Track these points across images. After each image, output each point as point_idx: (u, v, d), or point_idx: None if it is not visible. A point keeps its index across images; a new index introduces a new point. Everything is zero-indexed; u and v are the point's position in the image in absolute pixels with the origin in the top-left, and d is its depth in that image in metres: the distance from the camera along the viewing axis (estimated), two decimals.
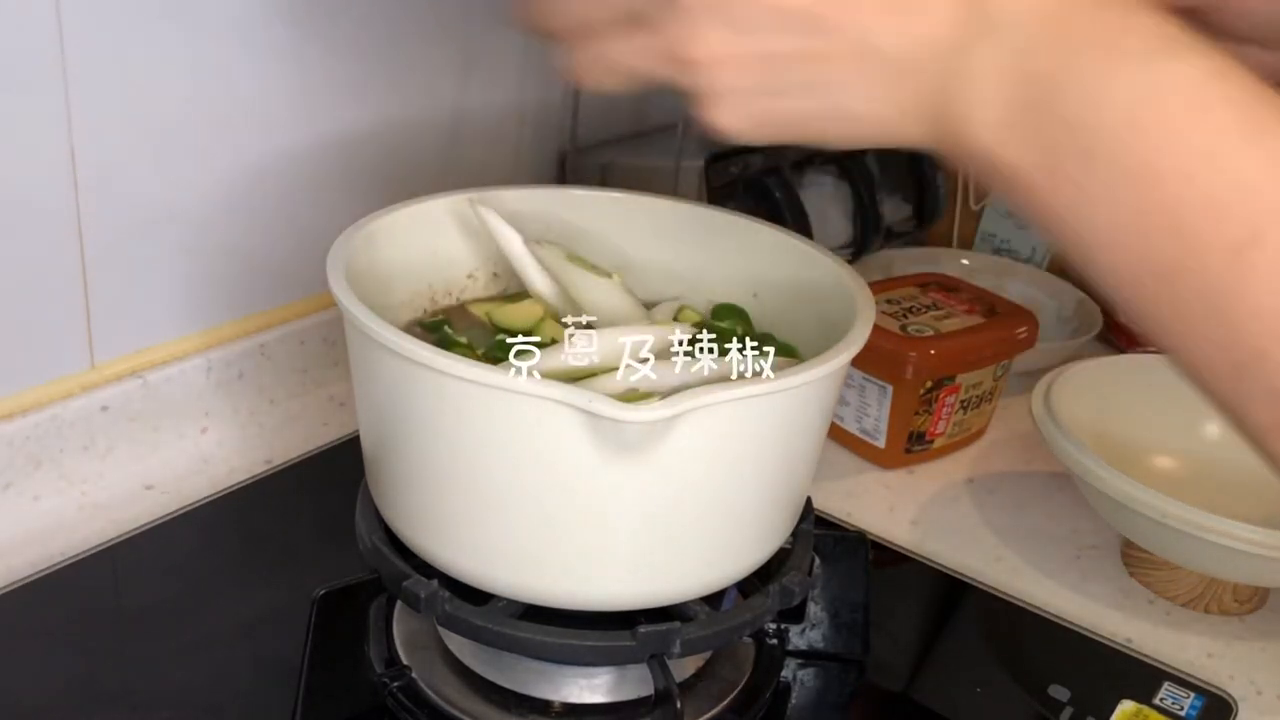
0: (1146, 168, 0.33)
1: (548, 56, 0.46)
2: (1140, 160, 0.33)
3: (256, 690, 0.57)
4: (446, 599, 0.51)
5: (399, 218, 0.60)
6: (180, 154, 0.71)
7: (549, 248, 0.60)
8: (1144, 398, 0.78)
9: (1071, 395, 0.75)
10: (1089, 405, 0.75)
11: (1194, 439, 0.78)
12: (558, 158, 0.99)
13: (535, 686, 0.55)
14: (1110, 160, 0.34)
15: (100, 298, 0.70)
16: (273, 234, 0.78)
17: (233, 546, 0.69)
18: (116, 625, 0.60)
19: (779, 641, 0.62)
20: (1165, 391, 0.75)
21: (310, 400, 0.82)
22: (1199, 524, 0.63)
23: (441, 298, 0.64)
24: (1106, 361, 0.81)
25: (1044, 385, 0.75)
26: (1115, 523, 0.71)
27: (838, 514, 0.76)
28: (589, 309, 0.58)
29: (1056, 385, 0.75)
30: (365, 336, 0.49)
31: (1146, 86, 0.33)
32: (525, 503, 0.49)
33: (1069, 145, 0.34)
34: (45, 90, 0.63)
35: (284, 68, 0.75)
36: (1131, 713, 0.61)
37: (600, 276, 0.58)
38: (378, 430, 0.53)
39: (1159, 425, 0.78)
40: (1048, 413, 0.72)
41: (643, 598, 0.52)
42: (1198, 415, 0.77)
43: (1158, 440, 0.78)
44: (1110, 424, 0.76)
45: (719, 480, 0.50)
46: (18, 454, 0.67)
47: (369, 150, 0.82)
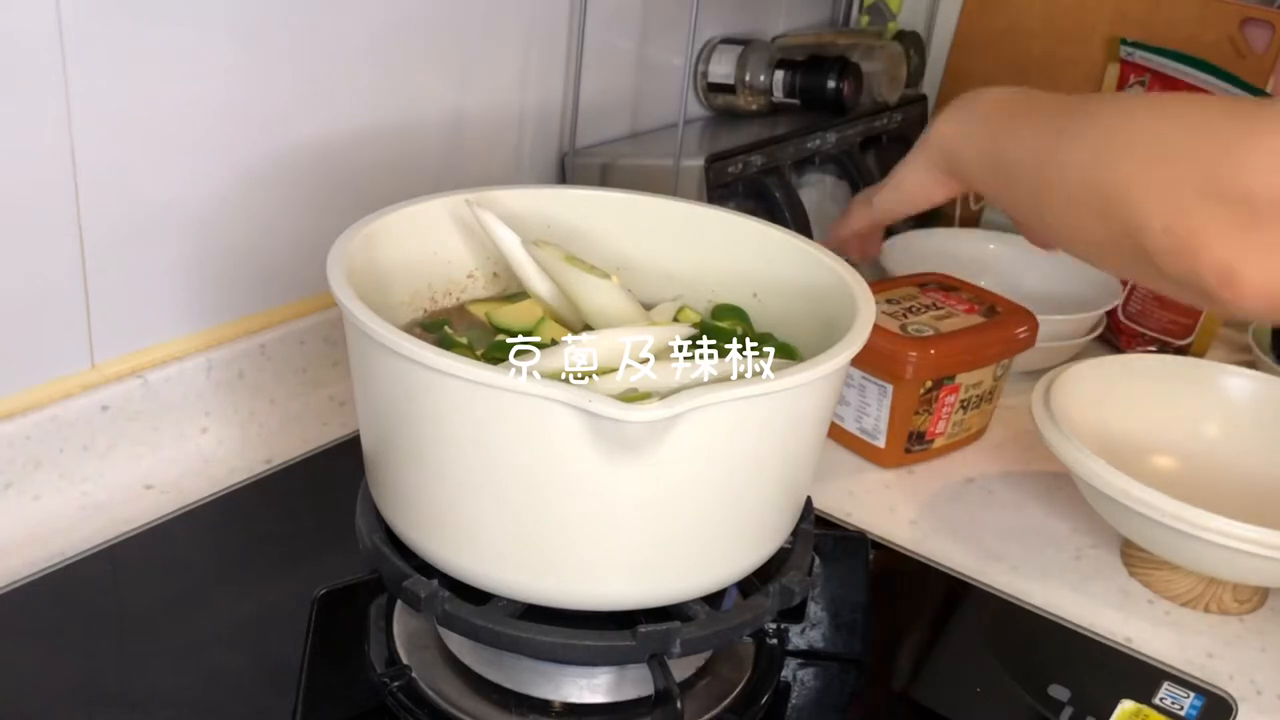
0: (1043, 181, 0.57)
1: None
2: (1037, 177, 0.57)
3: (256, 690, 0.57)
4: (446, 599, 0.51)
5: (399, 218, 0.60)
6: (180, 154, 0.71)
7: (547, 248, 0.60)
8: (1143, 398, 0.79)
9: (1071, 395, 0.75)
10: (1089, 405, 0.76)
11: (1193, 439, 0.79)
12: (558, 158, 0.99)
13: (535, 686, 0.55)
14: (1021, 181, 0.59)
15: (100, 298, 0.70)
16: (273, 234, 0.78)
17: (233, 546, 0.69)
18: (116, 625, 0.60)
19: (779, 641, 0.62)
20: (1165, 391, 0.79)
21: (310, 400, 0.82)
22: (1198, 523, 0.64)
23: (441, 298, 0.64)
24: (1106, 361, 0.81)
25: (1044, 385, 0.75)
26: (1115, 522, 0.71)
27: (838, 514, 0.76)
28: (587, 310, 0.58)
29: (1056, 385, 0.75)
30: (365, 336, 0.49)
31: (1033, 138, 0.58)
32: (525, 502, 0.49)
33: (1006, 176, 0.61)
34: (45, 90, 0.63)
35: (284, 68, 0.75)
36: (1131, 713, 0.61)
37: (599, 277, 0.58)
38: (378, 430, 0.53)
39: (1158, 425, 0.79)
40: (1048, 413, 0.72)
41: (643, 598, 0.52)
42: (1197, 415, 0.79)
43: (1157, 440, 0.78)
44: (1110, 424, 0.77)
45: (719, 480, 0.50)
46: (18, 454, 0.67)
47: (369, 151, 0.82)
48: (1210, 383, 0.81)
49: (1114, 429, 0.76)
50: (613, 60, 1.00)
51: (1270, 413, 0.79)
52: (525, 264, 0.60)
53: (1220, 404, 0.80)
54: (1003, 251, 1.09)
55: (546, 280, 0.60)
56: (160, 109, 0.69)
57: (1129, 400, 0.79)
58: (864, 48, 1.12)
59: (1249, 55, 1.06)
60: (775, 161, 1.00)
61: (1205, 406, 0.80)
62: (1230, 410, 0.80)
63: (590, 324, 0.59)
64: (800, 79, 1.05)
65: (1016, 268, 1.08)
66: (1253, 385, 0.80)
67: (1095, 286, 1.01)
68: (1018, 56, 1.18)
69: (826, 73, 1.04)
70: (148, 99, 0.68)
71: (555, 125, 0.97)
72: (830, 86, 1.04)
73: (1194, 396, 0.80)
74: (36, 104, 0.63)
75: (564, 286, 0.59)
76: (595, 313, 0.58)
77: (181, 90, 0.70)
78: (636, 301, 0.60)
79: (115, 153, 0.68)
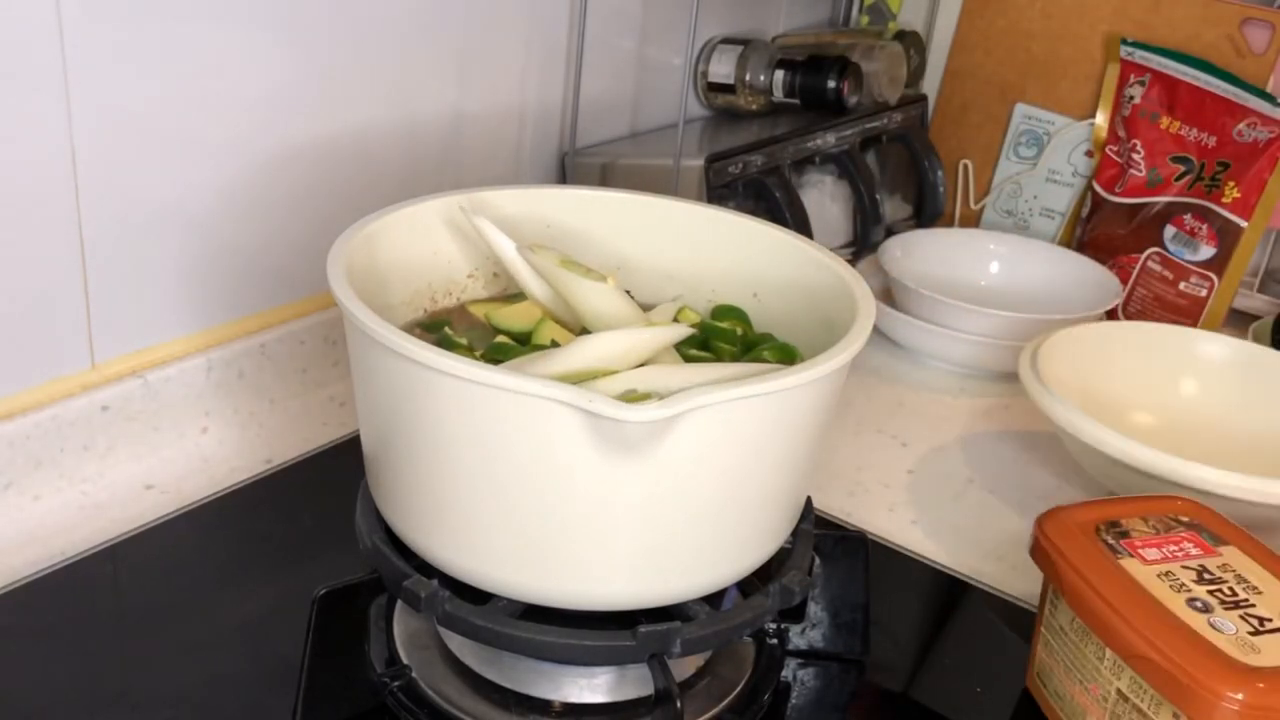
0: None
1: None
2: None
3: (256, 690, 0.57)
4: (446, 599, 0.51)
5: (399, 218, 0.60)
6: (180, 154, 0.71)
7: (543, 252, 0.60)
8: (1123, 361, 0.85)
9: (1056, 359, 0.80)
10: (1072, 368, 0.81)
11: (1169, 396, 0.85)
12: (558, 157, 0.99)
13: (535, 686, 0.55)
14: None
15: (100, 298, 0.70)
16: (273, 234, 0.78)
17: (233, 546, 0.69)
18: (116, 625, 0.60)
19: (779, 641, 0.62)
20: (1143, 355, 0.87)
21: (310, 400, 0.82)
22: (1173, 469, 0.68)
23: (441, 298, 0.64)
24: (1090, 328, 0.86)
25: (1030, 350, 0.79)
26: (1097, 473, 0.75)
27: (838, 514, 0.76)
28: (584, 312, 0.58)
29: (1042, 350, 0.79)
30: (365, 336, 0.49)
31: None
32: (525, 503, 0.49)
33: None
34: (45, 90, 0.63)
35: (285, 68, 0.75)
36: None
37: (595, 280, 0.58)
38: (378, 430, 0.53)
39: (1138, 386, 0.84)
40: (1034, 375, 0.76)
41: (643, 598, 0.52)
42: (1174, 376, 0.86)
43: (1137, 399, 0.84)
44: (1092, 385, 0.82)
45: (719, 480, 0.50)
46: (18, 454, 0.67)
47: (369, 150, 0.82)
48: (1186, 347, 0.87)
49: (1096, 389, 0.81)
50: (613, 60, 1.00)
51: (1242, 373, 0.85)
52: (521, 269, 0.60)
53: (1196, 366, 0.86)
54: (1003, 251, 1.09)
55: (544, 284, 0.60)
56: (160, 109, 0.69)
57: (1110, 363, 0.84)
58: (864, 48, 1.12)
59: (1249, 55, 1.06)
60: (775, 161, 1.00)
61: (1181, 368, 0.86)
62: (1205, 371, 0.86)
63: (588, 327, 0.59)
64: (800, 79, 1.05)
65: (1016, 268, 1.08)
66: (1226, 349, 0.86)
67: (1095, 287, 1.01)
68: (1018, 56, 1.18)
69: (826, 73, 1.04)
70: (148, 99, 0.68)
71: (555, 125, 0.97)
72: (830, 86, 1.04)
73: (1171, 360, 0.86)
74: (36, 104, 0.63)
75: (560, 291, 0.59)
76: (592, 316, 0.58)
77: (181, 90, 0.70)
78: (634, 303, 0.60)
79: (115, 153, 0.68)
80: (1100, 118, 1.14)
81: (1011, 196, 1.21)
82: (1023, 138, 1.19)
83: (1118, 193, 1.11)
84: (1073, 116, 1.16)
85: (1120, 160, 1.11)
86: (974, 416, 0.91)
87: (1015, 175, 1.20)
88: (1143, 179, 1.09)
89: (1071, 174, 1.17)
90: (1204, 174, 1.05)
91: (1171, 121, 1.08)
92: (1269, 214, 1.03)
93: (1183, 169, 1.07)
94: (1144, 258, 1.08)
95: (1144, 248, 1.08)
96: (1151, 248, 1.08)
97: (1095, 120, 1.14)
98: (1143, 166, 1.09)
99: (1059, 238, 1.18)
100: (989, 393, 0.95)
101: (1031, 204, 1.19)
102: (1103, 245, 1.11)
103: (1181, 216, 1.06)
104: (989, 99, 1.21)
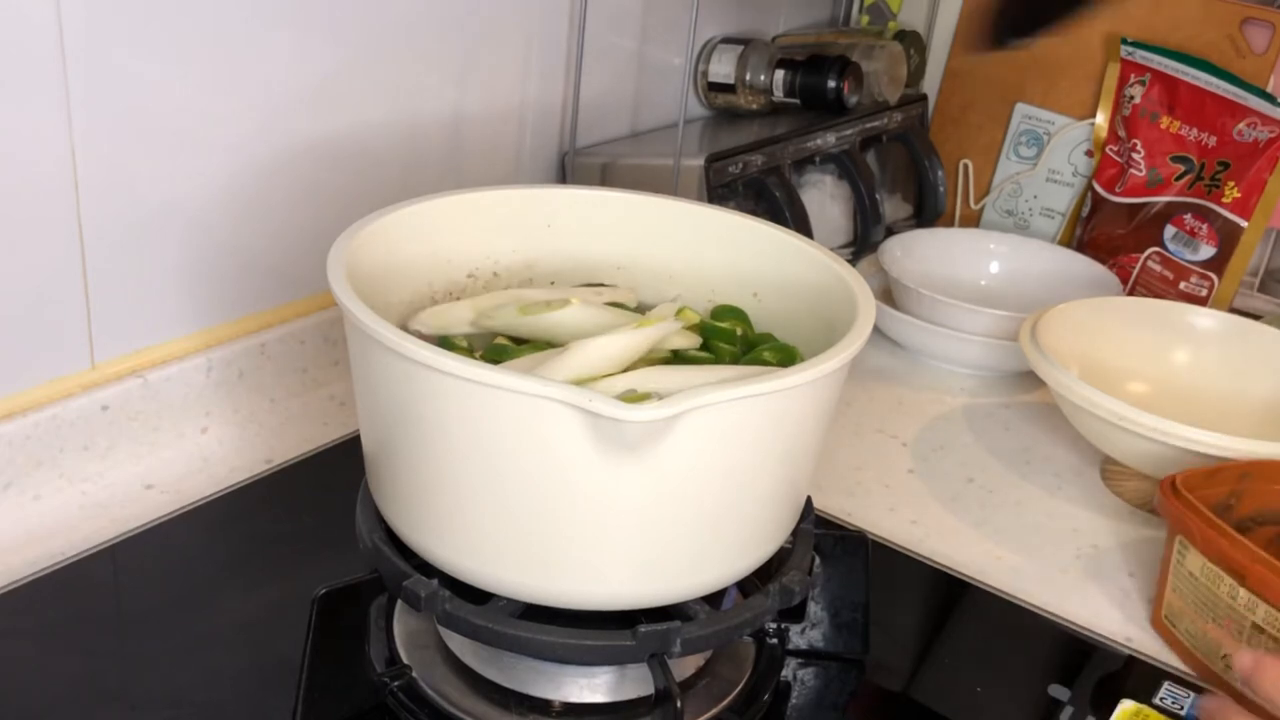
0: None
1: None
2: None
3: (256, 690, 0.57)
4: (446, 599, 0.51)
5: (399, 218, 0.60)
6: (180, 154, 0.71)
7: (500, 311, 0.58)
8: (1118, 333, 0.89)
9: (1056, 331, 0.84)
10: (1071, 339, 0.85)
11: (1163, 366, 0.89)
12: (558, 157, 0.99)
13: (535, 686, 0.55)
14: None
15: (100, 297, 0.70)
16: (273, 234, 0.78)
17: (233, 546, 0.69)
18: (116, 625, 0.60)
19: (779, 641, 0.62)
20: (1136, 328, 0.90)
21: (310, 400, 0.82)
22: (1165, 431, 0.73)
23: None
24: (1086, 303, 0.90)
25: (1029, 323, 0.84)
26: (1094, 438, 0.79)
27: (838, 514, 0.76)
28: (565, 340, 0.58)
29: (1041, 323, 0.84)
30: (365, 336, 0.49)
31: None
32: (525, 502, 0.49)
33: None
34: (45, 90, 0.63)
35: (284, 68, 0.75)
36: (1131, 712, 0.61)
37: (558, 309, 0.57)
38: (378, 430, 0.53)
39: (1132, 356, 0.88)
40: (1035, 345, 0.80)
41: (643, 597, 0.52)
42: (1166, 347, 0.90)
43: (1132, 369, 0.88)
44: (1089, 355, 0.86)
45: (719, 480, 0.50)
46: (18, 454, 0.67)
47: (369, 150, 0.82)
48: (1177, 320, 0.90)
49: (1093, 358, 0.86)
50: (613, 60, 1.00)
51: (1231, 343, 0.89)
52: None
53: (1187, 337, 0.90)
54: (1003, 251, 1.09)
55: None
56: (160, 109, 0.69)
57: (1105, 335, 0.88)
58: (864, 47, 1.12)
59: (1249, 55, 1.06)
60: (775, 161, 1.00)
61: (1173, 339, 0.90)
62: (1196, 342, 0.90)
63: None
64: (800, 78, 1.05)
65: (1017, 267, 1.08)
66: (1216, 321, 0.90)
67: (1095, 286, 1.01)
68: (1018, 56, 1.18)
69: (826, 72, 1.04)
70: (148, 99, 0.68)
71: (555, 125, 0.97)
72: (830, 86, 1.04)
73: (1163, 331, 0.90)
74: (36, 104, 0.63)
75: (536, 335, 0.58)
76: (573, 337, 0.57)
77: (181, 90, 0.70)
78: (609, 307, 0.59)
79: (115, 153, 0.68)
80: (1100, 117, 1.14)
81: (1012, 196, 1.21)
82: (1023, 137, 1.19)
83: (1118, 192, 1.11)
84: (1073, 116, 1.16)
85: (1120, 160, 1.11)
86: (974, 416, 0.91)
87: (1015, 175, 1.20)
88: (1143, 179, 1.09)
89: (1072, 174, 1.17)
90: (1204, 174, 1.05)
91: (1171, 121, 1.08)
92: (1269, 214, 1.03)
93: (1183, 169, 1.07)
94: (1144, 257, 1.08)
95: (1144, 247, 1.08)
96: (1152, 247, 1.08)
97: (1095, 120, 1.14)
98: (1143, 166, 1.09)
99: (1059, 237, 1.18)
100: (989, 392, 0.95)
101: (1032, 204, 1.19)
102: (1103, 245, 1.11)
103: (1181, 216, 1.07)
104: (989, 99, 1.21)
